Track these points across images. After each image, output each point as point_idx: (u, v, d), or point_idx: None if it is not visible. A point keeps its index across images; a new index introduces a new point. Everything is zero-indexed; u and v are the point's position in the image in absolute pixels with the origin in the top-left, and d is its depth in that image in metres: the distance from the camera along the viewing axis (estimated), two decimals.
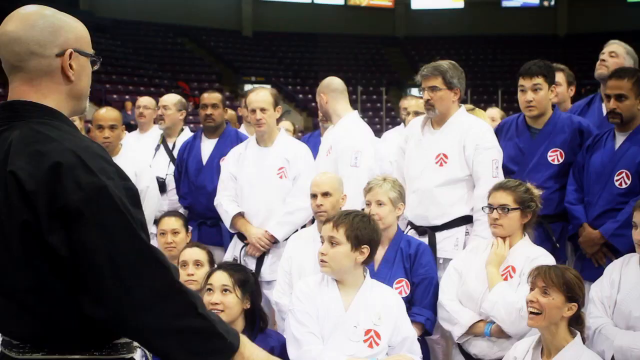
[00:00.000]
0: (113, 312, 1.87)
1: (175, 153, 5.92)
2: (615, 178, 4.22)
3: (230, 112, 7.07)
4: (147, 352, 2.14)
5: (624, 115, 4.22)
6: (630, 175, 4.18)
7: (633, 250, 3.67)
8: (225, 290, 3.46)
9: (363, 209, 3.98)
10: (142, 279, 1.89)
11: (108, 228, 1.86)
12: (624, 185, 4.20)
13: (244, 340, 2.11)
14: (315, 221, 4.34)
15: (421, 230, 4.44)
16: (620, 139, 4.29)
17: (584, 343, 3.29)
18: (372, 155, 4.83)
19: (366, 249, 3.42)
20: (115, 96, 22.56)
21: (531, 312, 3.24)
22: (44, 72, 1.99)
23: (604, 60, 4.95)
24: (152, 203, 5.24)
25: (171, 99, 6.22)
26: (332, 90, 5.01)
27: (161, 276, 1.92)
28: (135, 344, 2.05)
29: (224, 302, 3.45)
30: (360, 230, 3.41)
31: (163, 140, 6.16)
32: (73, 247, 1.85)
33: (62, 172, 1.84)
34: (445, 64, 4.45)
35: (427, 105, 4.44)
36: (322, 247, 3.44)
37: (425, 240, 4.32)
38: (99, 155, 1.94)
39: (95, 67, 2.11)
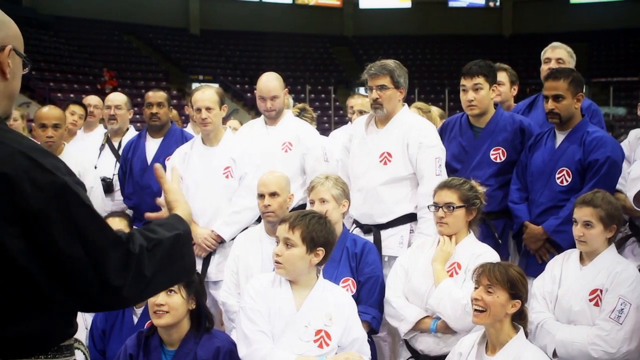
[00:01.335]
0: (98, 297, 1.86)
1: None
2: (557, 176, 4.30)
3: (173, 111, 7.00)
4: (85, 352, 2.11)
5: (562, 114, 4.30)
6: (570, 173, 4.26)
7: (574, 246, 3.75)
8: (170, 291, 3.42)
9: None
10: (118, 262, 1.87)
11: (78, 223, 1.82)
12: (565, 183, 4.28)
13: None
14: (262, 221, 4.32)
15: (366, 228, 4.46)
16: (560, 138, 4.37)
17: (527, 338, 3.34)
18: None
19: (321, 251, 3.37)
20: (59, 95, 22.09)
21: (476, 310, 3.27)
22: None
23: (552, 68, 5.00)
24: (96, 204, 5.14)
25: (122, 98, 6.14)
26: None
27: (138, 260, 1.92)
28: (75, 344, 2.01)
29: (169, 303, 3.40)
30: (316, 232, 3.36)
31: (108, 140, 6.06)
32: (45, 251, 1.79)
33: (17, 177, 1.76)
34: (391, 63, 4.47)
35: (375, 104, 4.45)
36: (277, 248, 3.39)
37: (370, 238, 4.34)
38: (47, 153, 1.88)
39: (25, 71, 2.04)
